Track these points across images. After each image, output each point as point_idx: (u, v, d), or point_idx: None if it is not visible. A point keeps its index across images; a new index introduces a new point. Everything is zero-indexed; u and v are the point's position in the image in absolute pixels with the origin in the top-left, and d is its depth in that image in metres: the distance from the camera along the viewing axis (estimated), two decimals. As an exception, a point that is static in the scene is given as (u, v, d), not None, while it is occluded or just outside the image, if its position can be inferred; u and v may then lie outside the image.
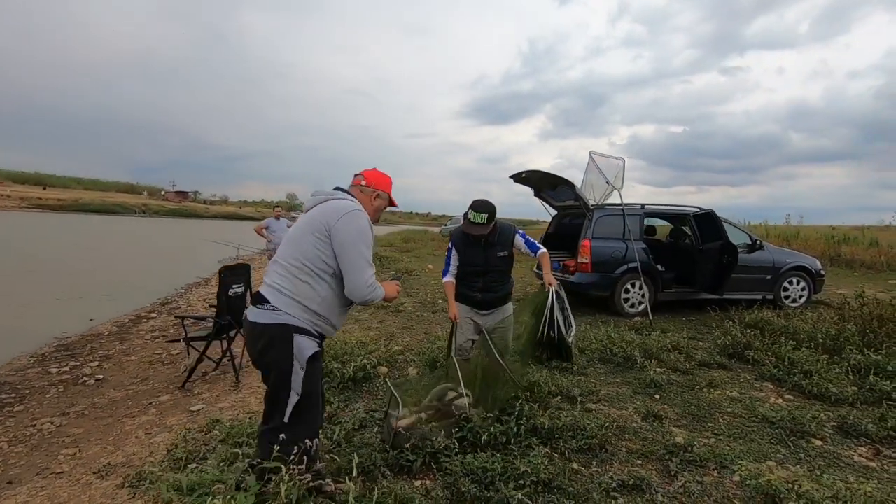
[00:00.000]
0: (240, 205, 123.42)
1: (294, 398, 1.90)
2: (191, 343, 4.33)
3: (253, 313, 1.95)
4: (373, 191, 2.18)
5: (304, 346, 1.91)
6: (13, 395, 4.38)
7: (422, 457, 2.51)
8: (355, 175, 2.23)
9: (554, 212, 7.85)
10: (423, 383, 3.13)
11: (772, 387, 3.93)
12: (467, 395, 2.82)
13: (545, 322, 3.16)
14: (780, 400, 3.64)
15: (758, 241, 7.08)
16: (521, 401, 2.98)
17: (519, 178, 7.04)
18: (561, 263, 7.05)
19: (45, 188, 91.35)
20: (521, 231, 3.36)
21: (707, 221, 6.71)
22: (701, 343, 5.21)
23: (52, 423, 3.70)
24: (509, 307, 3.48)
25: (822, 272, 7.45)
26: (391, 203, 2.28)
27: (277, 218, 9.61)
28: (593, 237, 6.57)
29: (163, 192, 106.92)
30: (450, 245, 3.42)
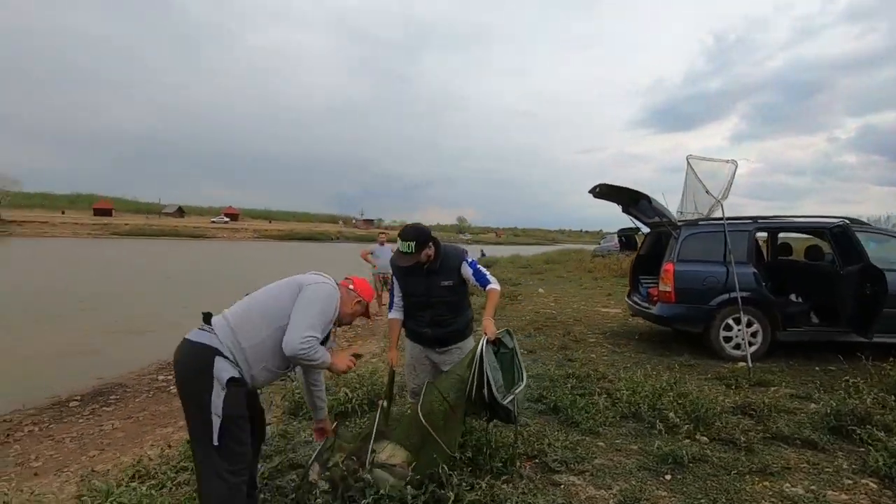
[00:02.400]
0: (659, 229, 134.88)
1: (219, 422, 1.88)
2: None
3: (192, 332, 2.01)
4: (356, 296, 2.37)
5: (224, 369, 1.92)
6: (117, 396, 5.40)
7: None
8: (345, 278, 2.44)
9: (646, 229, 6.70)
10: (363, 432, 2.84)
11: (873, 485, 2.63)
12: (373, 452, 2.53)
13: (472, 378, 2.56)
14: (871, 510, 2.40)
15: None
16: (451, 469, 2.49)
17: (594, 192, 6.19)
18: (647, 291, 5.93)
19: (270, 221, 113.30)
20: (471, 259, 3.00)
21: (845, 238, 4.93)
22: (812, 406, 3.79)
23: (112, 426, 4.44)
24: (469, 342, 3.09)
25: None
26: (366, 314, 2.48)
27: (382, 244, 10.18)
28: (678, 259, 5.37)
29: (353, 221, 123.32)
30: (392, 277, 3.13)
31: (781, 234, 6.70)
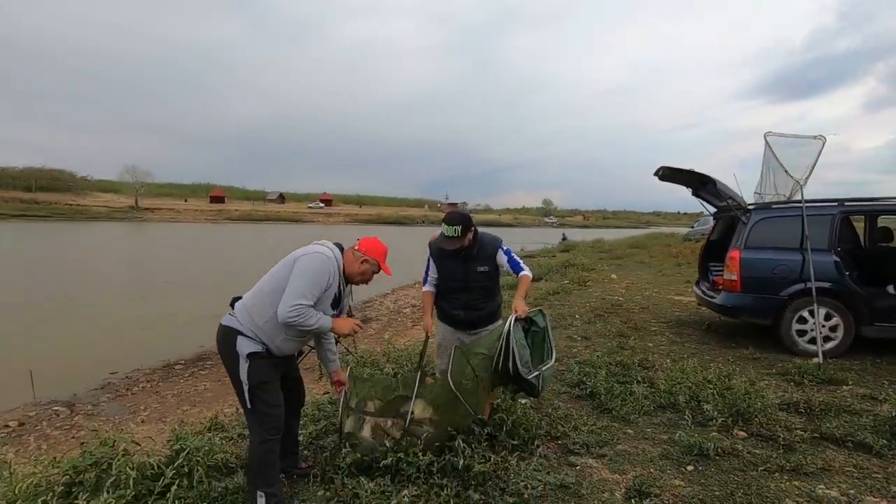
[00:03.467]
0: (500, 213, 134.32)
1: (246, 388, 2.21)
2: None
3: (225, 317, 2.34)
4: (362, 255, 2.45)
5: (245, 345, 2.22)
6: (212, 362, 6.24)
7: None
8: (357, 240, 2.57)
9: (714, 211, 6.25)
10: (384, 385, 3.06)
11: (923, 497, 2.41)
12: (412, 414, 2.75)
13: (500, 352, 2.79)
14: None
15: None
16: (463, 436, 2.70)
17: (658, 175, 5.90)
18: (713, 279, 5.60)
19: (360, 206, 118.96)
20: (507, 247, 3.16)
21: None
22: (884, 408, 3.45)
23: (204, 387, 5.18)
24: (498, 326, 3.17)
25: None
26: (381, 269, 2.53)
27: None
28: (746, 246, 5.01)
29: (438, 205, 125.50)
30: (428, 256, 3.27)
31: (882, 219, 5.93)
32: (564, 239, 31.21)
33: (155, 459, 2.39)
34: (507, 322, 2.83)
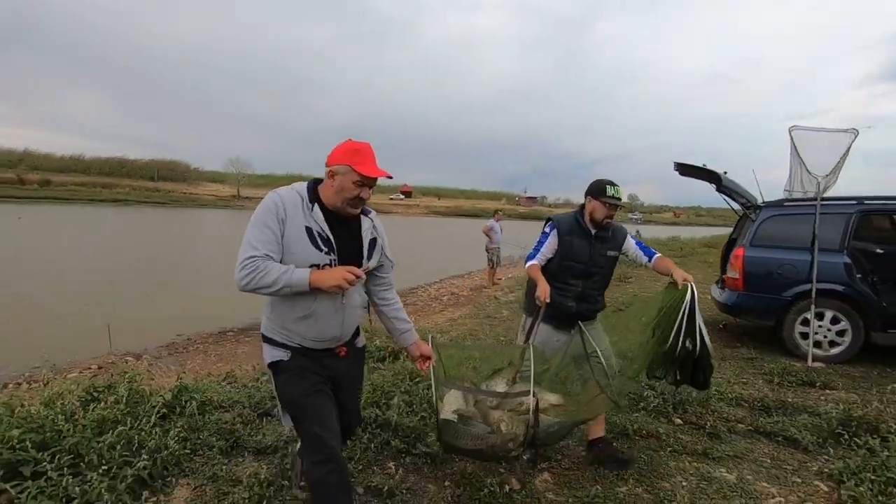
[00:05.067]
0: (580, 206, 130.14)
1: (280, 406, 1.85)
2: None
3: None
4: (327, 170, 1.76)
5: (267, 354, 1.84)
6: (256, 331, 7.17)
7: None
8: None
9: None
10: (476, 355, 2.72)
11: (823, 488, 2.46)
12: (533, 396, 2.21)
13: (679, 329, 2.29)
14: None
15: None
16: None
17: (678, 170, 5.80)
18: (723, 279, 5.46)
19: (439, 198, 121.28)
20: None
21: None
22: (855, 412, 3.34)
23: (243, 351, 6.06)
24: (601, 327, 2.82)
25: None
26: (359, 173, 1.71)
27: (497, 220, 10.82)
28: (751, 244, 4.87)
29: (517, 199, 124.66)
30: (547, 230, 2.77)
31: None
32: (638, 233, 29.93)
33: (156, 391, 3.09)
34: (687, 293, 2.33)
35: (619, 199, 2.57)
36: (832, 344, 4.47)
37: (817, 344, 4.52)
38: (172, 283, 11.78)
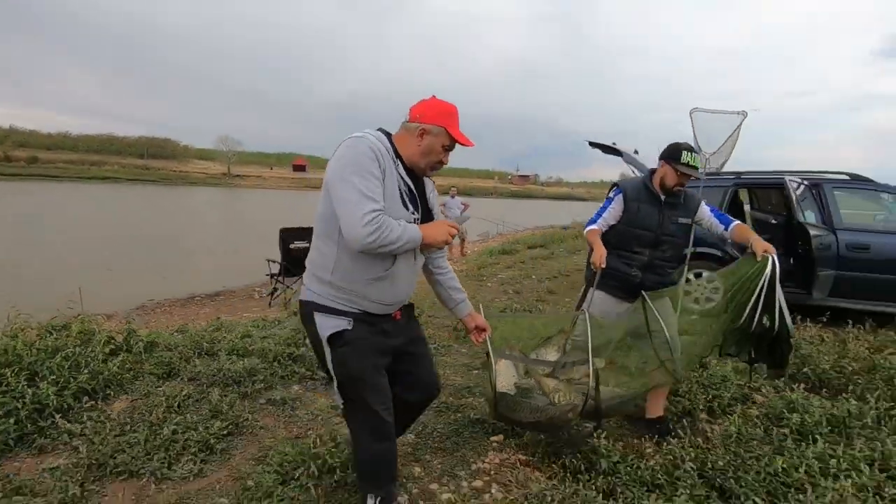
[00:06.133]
0: (573, 186, 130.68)
1: (335, 383, 1.69)
2: (272, 277, 6.69)
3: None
4: (417, 126, 1.62)
5: (324, 326, 1.63)
6: (223, 297, 7.82)
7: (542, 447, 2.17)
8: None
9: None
10: (528, 322, 2.67)
11: (521, 457, 3.11)
12: (593, 366, 2.18)
13: (756, 304, 2.18)
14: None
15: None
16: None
17: (594, 146, 6.40)
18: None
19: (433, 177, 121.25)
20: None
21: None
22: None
23: (205, 313, 6.70)
24: (669, 302, 2.57)
25: None
26: (457, 140, 1.65)
27: (452, 197, 11.38)
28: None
29: (509, 177, 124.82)
30: (612, 195, 2.64)
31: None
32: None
33: (105, 330, 3.71)
34: (770, 263, 2.17)
35: (696, 167, 2.41)
36: (707, 300, 5.16)
37: (696, 300, 5.21)
38: (150, 255, 12.36)
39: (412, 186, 1.66)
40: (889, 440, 2.18)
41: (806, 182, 4.83)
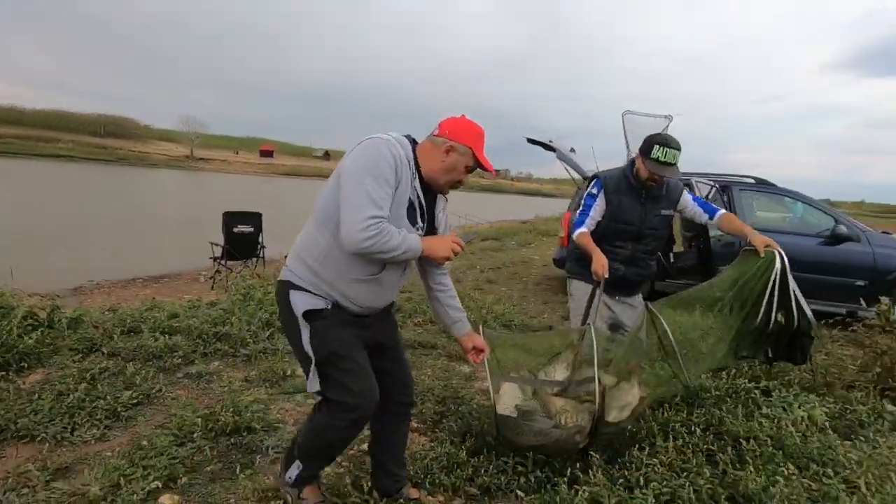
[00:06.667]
0: (542, 182, 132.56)
1: (313, 363, 1.58)
2: (215, 261, 6.72)
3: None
4: (444, 141, 1.61)
5: (300, 302, 1.59)
6: (168, 279, 7.79)
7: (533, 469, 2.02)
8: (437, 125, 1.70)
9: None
10: (529, 343, 2.54)
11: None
12: (599, 382, 2.02)
13: (770, 303, 2.10)
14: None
15: (842, 227, 4.74)
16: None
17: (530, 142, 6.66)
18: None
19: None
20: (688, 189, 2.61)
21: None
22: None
23: (144, 294, 6.67)
24: (640, 301, 2.66)
25: None
26: (480, 165, 1.64)
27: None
28: (576, 209, 5.84)
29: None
30: (594, 190, 2.60)
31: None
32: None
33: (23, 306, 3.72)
34: (776, 259, 2.11)
35: (668, 163, 2.29)
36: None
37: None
38: (98, 236, 12.03)
39: (423, 201, 1.64)
40: (725, 408, 2.49)
41: (716, 185, 5.22)
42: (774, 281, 2.08)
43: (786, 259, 2.11)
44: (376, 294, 1.65)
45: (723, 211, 2.47)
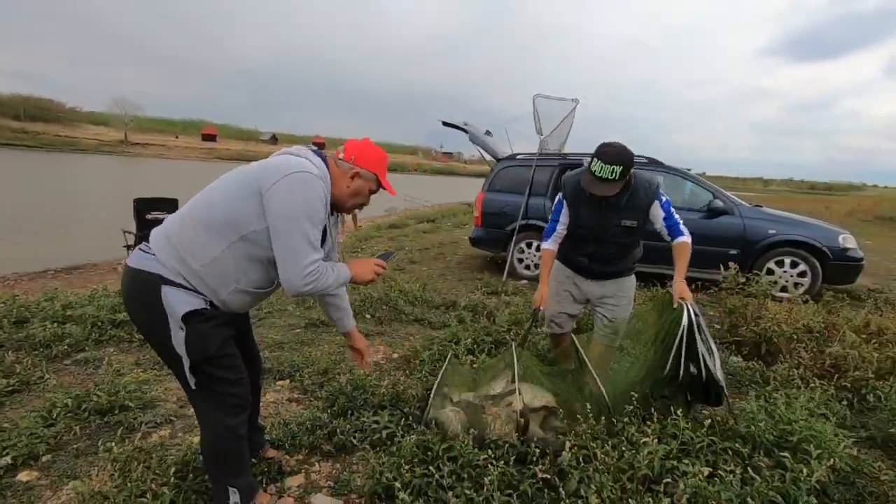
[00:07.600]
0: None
1: (187, 365, 1.52)
2: (129, 249, 6.54)
3: (132, 256, 1.57)
4: (351, 167, 1.65)
5: (178, 301, 1.48)
6: (82, 270, 7.47)
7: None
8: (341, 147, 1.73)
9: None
10: (481, 370, 2.73)
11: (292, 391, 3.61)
12: (519, 394, 2.20)
13: (677, 354, 2.10)
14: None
15: (719, 201, 5.22)
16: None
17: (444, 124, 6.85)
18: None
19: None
20: (665, 199, 2.40)
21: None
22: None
23: (59, 283, 6.41)
24: (630, 281, 2.66)
25: (854, 252, 4.92)
26: (382, 186, 1.72)
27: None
28: (488, 189, 6.11)
29: (433, 153, 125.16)
30: (560, 197, 2.55)
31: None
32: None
33: None
34: (685, 315, 2.10)
35: (605, 178, 2.17)
36: (536, 266, 5.85)
37: (528, 266, 5.88)
38: (10, 227, 11.30)
39: (328, 221, 1.67)
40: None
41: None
42: (681, 335, 2.08)
43: (696, 315, 2.09)
44: (253, 302, 1.67)
45: (681, 239, 2.30)
